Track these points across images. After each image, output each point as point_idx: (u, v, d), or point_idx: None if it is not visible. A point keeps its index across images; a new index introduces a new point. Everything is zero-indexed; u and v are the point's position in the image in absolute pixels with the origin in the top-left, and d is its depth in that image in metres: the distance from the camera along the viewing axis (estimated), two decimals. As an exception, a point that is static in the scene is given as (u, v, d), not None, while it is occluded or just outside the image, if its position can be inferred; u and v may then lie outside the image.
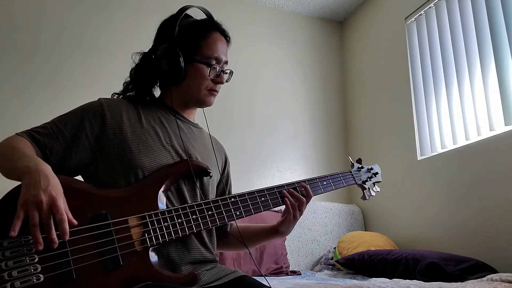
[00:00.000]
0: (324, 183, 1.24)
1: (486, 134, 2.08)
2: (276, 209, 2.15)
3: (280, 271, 2.29)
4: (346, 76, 3.38)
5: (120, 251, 0.88)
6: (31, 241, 0.78)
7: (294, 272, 2.35)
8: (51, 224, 0.78)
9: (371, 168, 1.42)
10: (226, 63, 1.15)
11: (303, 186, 1.16)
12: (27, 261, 0.79)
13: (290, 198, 1.12)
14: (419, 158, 2.52)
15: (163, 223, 0.94)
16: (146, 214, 0.93)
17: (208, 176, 1.09)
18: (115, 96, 1.14)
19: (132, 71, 1.14)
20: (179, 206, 0.99)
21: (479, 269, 1.77)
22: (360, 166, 1.41)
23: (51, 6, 2.54)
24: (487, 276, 1.60)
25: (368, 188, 1.40)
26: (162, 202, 0.98)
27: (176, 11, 1.13)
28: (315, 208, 2.80)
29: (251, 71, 3.02)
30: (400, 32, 2.76)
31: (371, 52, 3.09)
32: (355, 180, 1.36)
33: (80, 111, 1.03)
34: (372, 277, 2.02)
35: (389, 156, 2.76)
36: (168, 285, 0.88)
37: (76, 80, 2.50)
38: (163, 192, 0.99)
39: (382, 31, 2.97)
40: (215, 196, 1.16)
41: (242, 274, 1.06)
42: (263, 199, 1.10)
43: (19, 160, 0.86)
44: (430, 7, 2.52)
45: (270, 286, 1.02)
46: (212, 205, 1.02)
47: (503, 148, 1.95)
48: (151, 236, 0.92)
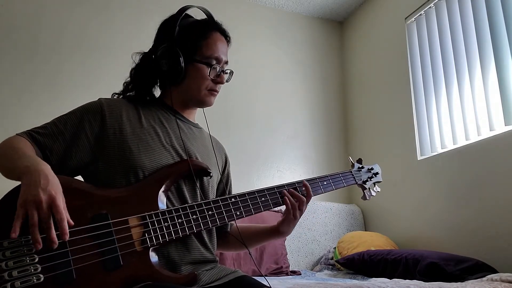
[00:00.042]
0: (325, 183, 1.24)
1: (486, 134, 2.08)
2: (276, 209, 2.15)
3: (280, 271, 2.29)
4: (346, 76, 3.38)
5: (120, 251, 0.88)
6: (31, 241, 0.78)
7: (294, 272, 2.35)
8: (50, 223, 0.78)
9: (372, 168, 1.42)
10: (226, 63, 1.15)
11: (304, 184, 1.16)
12: (27, 261, 0.79)
13: (290, 197, 1.12)
14: (419, 158, 2.52)
15: (163, 223, 0.94)
16: (146, 214, 0.93)
17: (208, 176, 1.09)
18: (115, 96, 1.14)
19: (132, 71, 1.14)
20: (179, 206, 0.99)
21: (479, 269, 1.77)
22: (360, 166, 1.42)
23: (51, 6, 2.54)
24: (487, 276, 1.60)
25: (369, 188, 1.40)
26: (162, 202, 0.98)
27: (176, 11, 1.13)
28: (315, 208, 2.80)
29: (251, 71, 3.01)
30: (400, 32, 2.76)
31: (371, 52, 3.08)
32: (356, 180, 1.36)
33: (80, 111, 1.03)
34: (372, 277, 2.02)
35: (389, 156, 2.76)
36: (168, 285, 0.88)
37: (76, 80, 2.50)
38: (163, 192, 0.99)
39: (382, 31, 2.97)
40: (215, 196, 1.16)
41: (242, 274, 1.06)
42: (263, 199, 1.10)
43: (19, 159, 0.86)
44: (430, 7, 2.52)
45: (270, 286, 1.02)
46: (212, 205, 1.02)
47: (503, 148, 1.95)
48: (151, 236, 0.92)
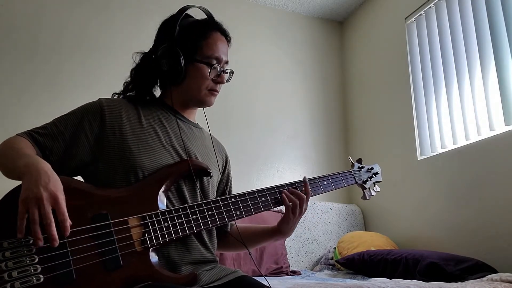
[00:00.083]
0: (325, 183, 1.24)
1: (486, 134, 2.08)
2: (276, 209, 2.15)
3: (280, 271, 2.29)
4: (346, 76, 3.38)
5: (121, 252, 0.88)
6: (31, 241, 0.78)
7: (294, 272, 2.35)
8: (51, 220, 0.78)
9: (372, 168, 1.42)
10: (226, 63, 1.15)
11: (303, 181, 1.16)
12: (27, 261, 0.79)
13: (290, 195, 1.12)
14: (419, 158, 2.52)
15: (163, 223, 0.94)
16: (146, 214, 0.93)
17: (208, 176, 1.09)
18: (115, 96, 1.14)
19: (133, 71, 1.14)
20: (179, 206, 0.99)
21: (479, 269, 1.77)
22: (360, 166, 1.42)
23: (51, 6, 2.54)
24: (487, 276, 1.60)
25: (369, 188, 1.40)
26: (162, 202, 0.98)
27: (176, 11, 1.13)
28: (315, 208, 2.80)
29: (251, 71, 3.01)
30: (400, 32, 2.76)
31: (371, 52, 3.08)
32: (356, 180, 1.36)
33: (80, 111, 1.03)
34: (372, 277, 2.02)
35: (389, 156, 2.76)
36: (168, 285, 0.88)
37: (76, 80, 2.50)
38: (163, 192, 0.99)
39: (382, 31, 2.97)
40: (215, 196, 1.16)
41: (242, 274, 1.06)
42: (263, 199, 1.10)
43: (19, 159, 0.86)
44: (430, 7, 2.52)
45: (270, 286, 1.02)
46: (212, 205, 1.02)
47: (503, 148, 1.95)
48: (151, 236, 0.92)
